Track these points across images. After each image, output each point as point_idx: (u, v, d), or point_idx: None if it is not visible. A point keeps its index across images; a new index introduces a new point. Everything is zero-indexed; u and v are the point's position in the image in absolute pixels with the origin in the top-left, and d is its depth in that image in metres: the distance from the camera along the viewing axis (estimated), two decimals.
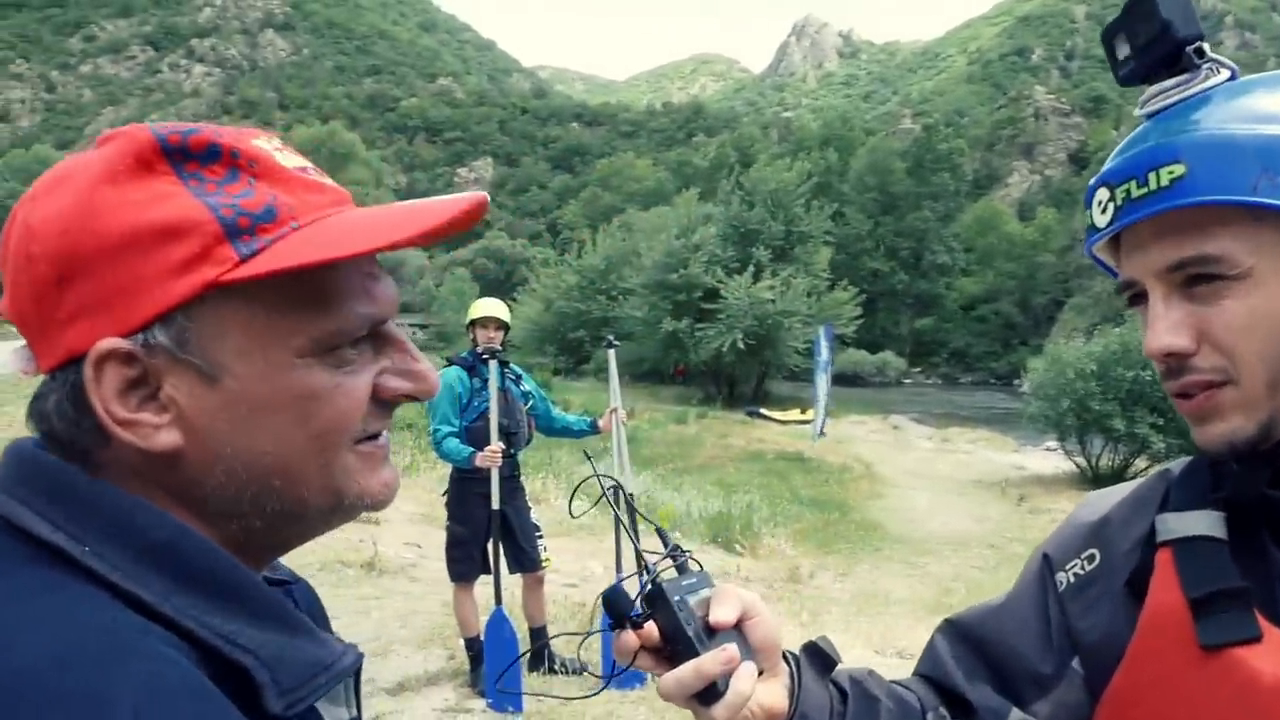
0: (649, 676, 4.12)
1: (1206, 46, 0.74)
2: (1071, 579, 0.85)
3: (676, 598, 0.72)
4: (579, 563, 7.22)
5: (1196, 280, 0.71)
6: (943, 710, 0.85)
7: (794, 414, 27.09)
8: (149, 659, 0.48)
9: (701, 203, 36.94)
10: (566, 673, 4.63)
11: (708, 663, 0.69)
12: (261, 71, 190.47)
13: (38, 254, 0.53)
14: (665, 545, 0.78)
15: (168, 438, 0.54)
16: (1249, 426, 0.71)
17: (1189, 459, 0.85)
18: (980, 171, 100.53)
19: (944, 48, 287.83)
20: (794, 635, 5.79)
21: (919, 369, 65.82)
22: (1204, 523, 0.75)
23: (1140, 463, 16.99)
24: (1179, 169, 0.70)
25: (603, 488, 0.83)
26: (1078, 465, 17.53)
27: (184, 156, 0.55)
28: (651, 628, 0.72)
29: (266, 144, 0.59)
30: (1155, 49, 0.74)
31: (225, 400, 0.55)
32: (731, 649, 0.70)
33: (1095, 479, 16.95)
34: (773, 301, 29.84)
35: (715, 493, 12.04)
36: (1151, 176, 0.71)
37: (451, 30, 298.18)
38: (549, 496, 9.30)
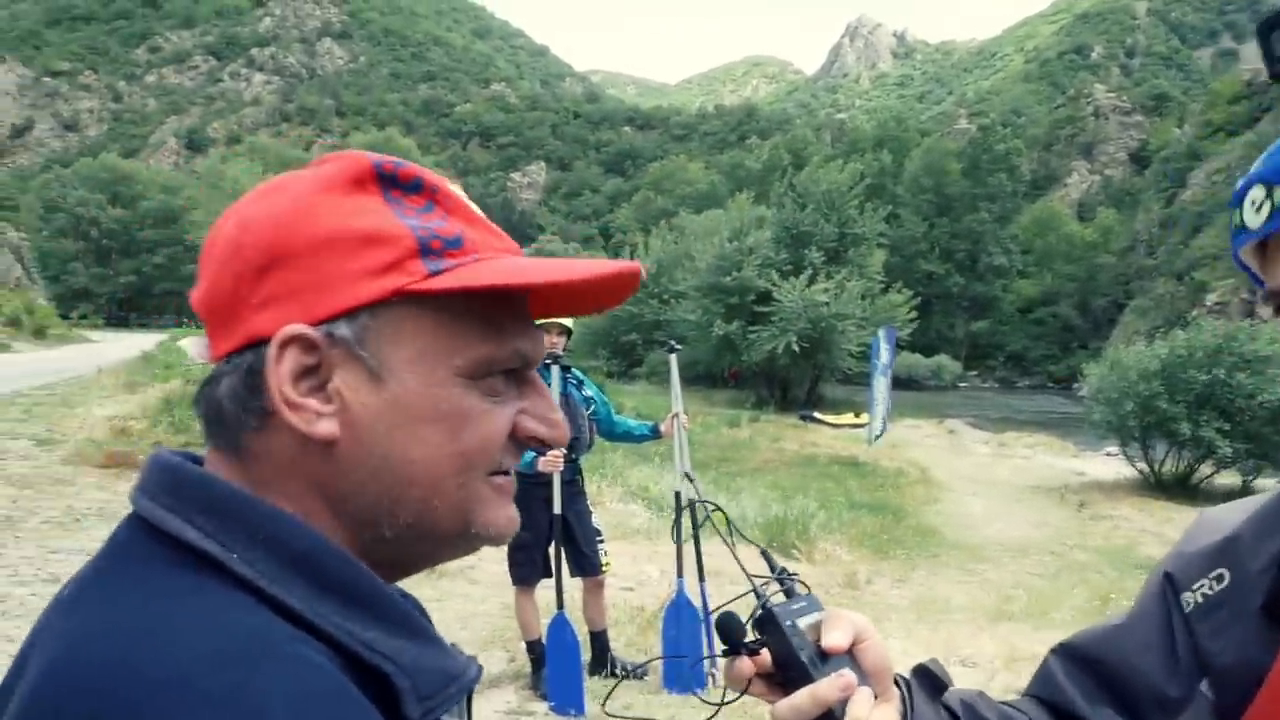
0: (710, 680, 4.14)
1: None
2: (1200, 599, 0.83)
3: (788, 623, 0.71)
4: (636, 566, 7.26)
5: None
6: None
7: (848, 418, 26.89)
8: (298, 662, 0.51)
9: (754, 205, 36.84)
10: (627, 676, 4.67)
11: (824, 689, 0.67)
12: (319, 79, 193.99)
13: (248, 243, 0.58)
14: (771, 569, 0.78)
15: (328, 426, 0.57)
16: None
17: None
18: (1038, 172, 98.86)
19: (1000, 47, 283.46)
20: None
21: (975, 372, 64.93)
22: None
23: (1205, 469, 16.57)
24: None
25: (705, 510, 0.83)
26: (1139, 470, 17.15)
27: (392, 183, 0.61)
28: (764, 654, 0.71)
29: (459, 190, 0.64)
30: None
31: (387, 402, 0.58)
32: (849, 675, 0.68)
33: (1158, 484, 16.58)
34: (827, 304, 29.66)
35: (770, 497, 12.00)
36: None
37: (505, 36, 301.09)
38: (604, 500, 9.34)
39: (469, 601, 6.01)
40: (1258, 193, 0.71)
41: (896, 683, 0.77)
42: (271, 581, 0.54)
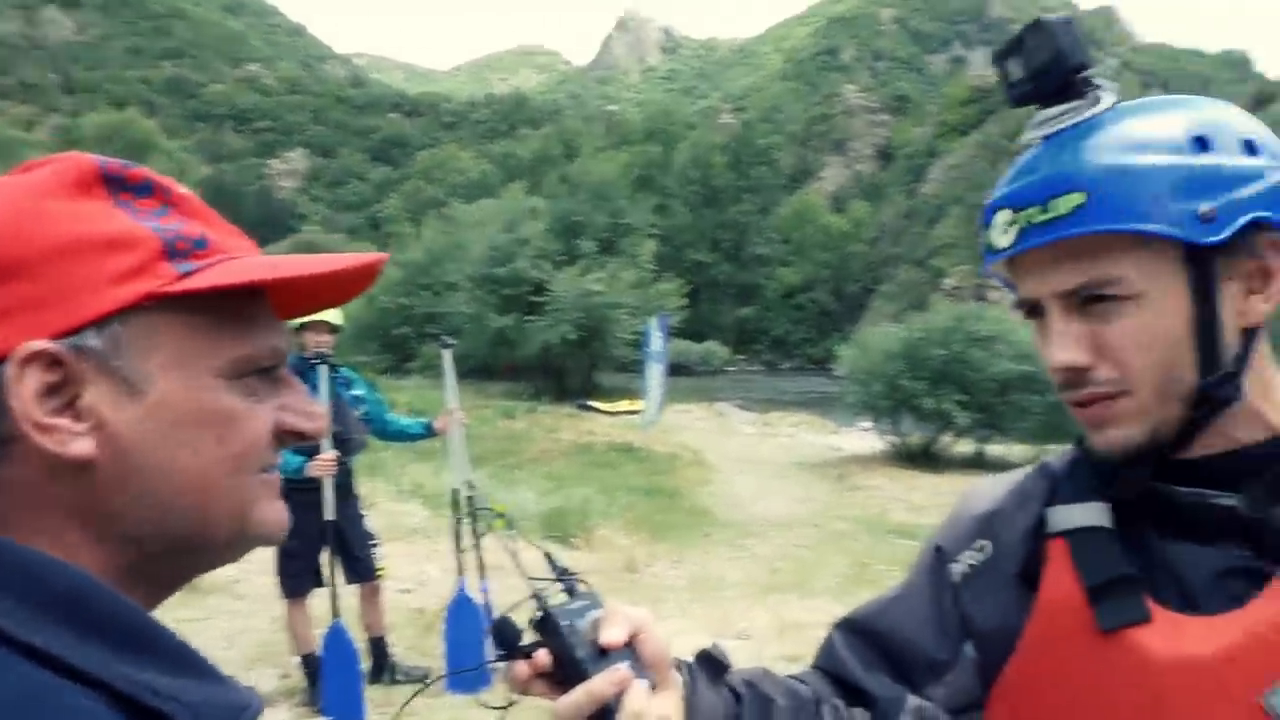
0: (493, 679, 4.12)
1: (1093, 73, 0.79)
2: (966, 569, 0.91)
3: (566, 623, 0.72)
4: (414, 566, 7.10)
5: (1092, 300, 0.77)
6: (836, 701, 0.88)
7: (623, 405, 27.42)
8: (67, 713, 0.47)
9: (527, 196, 36.77)
10: (408, 680, 4.57)
11: (598, 684, 0.70)
12: (46, 51, 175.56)
13: None
14: (554, 569, 0.79)
15: (83, 446, 0.54)
16: (1142, 433, 0.78)
17: (1069, 452, 0.92)
18: (796, 166, 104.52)
19: (760, 46, 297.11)
20: None
21: (742, 356, 67.93)
22: (1093, 515, 0.82)
23: (946, 438, 18.18)
24: (1078, 198, 0.75)
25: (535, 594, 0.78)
26: (890, 443, 18.56)
27: (120, 186, 0.58)
28: (544, 654, 0.72)
29: (191, 191, 0.62)
30: (1049, 75, 0.79)
31: (147, 412, 0.56)
32: (622, 668, 0.71)
33: (907, 455, 18.01)
34: (601, 294, 30.08)
35: (548, 487, 12.07)
36: (1053, 204, 0.76)
37: (259, 13, 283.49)
38: (378, 500, 9.07)
39: (235, 618, 5.68)
40: (1005, 216, 0.80)
41: (679, 669, 0.79)
42: (29, 631, 0.49)
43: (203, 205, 0.62)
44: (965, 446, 18.08)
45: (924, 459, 17.78)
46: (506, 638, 0.74)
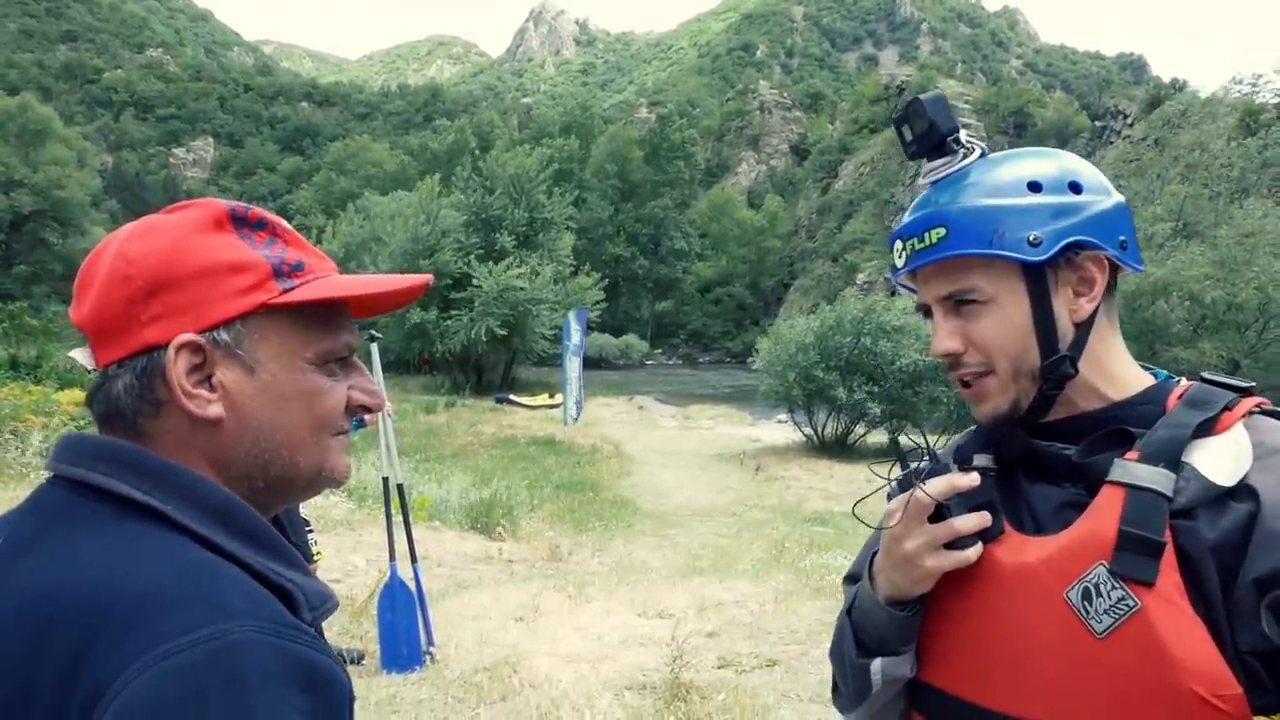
0: (428, 659, 4.25)
1: (963, 134, 1.07)
2: None
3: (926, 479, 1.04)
4: (342, 557, 7.14)
5: (962, 304, 1.04)
6: None
7: (543, 399, 27.48)
8: (228, 576, 0.71)
9: (443, 188, 36.27)
10: (345, 662, 4.65)
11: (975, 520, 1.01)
12: None
13: (134, 274, 0.76)
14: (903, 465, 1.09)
15: (216, 410, 0.77)
16: (1006, 403, 1.05)
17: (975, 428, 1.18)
18: (712, 161, 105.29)
19: (676, 40, 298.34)
20: (562, 605, 6.09)
21: (660, 350, 68.36)
22: (980, 461, 1.10)
23: (860, 429, 18.73)
24: (942, 231, 1.02)
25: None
26: (806, 434, 19.01)
27: (243, 223, 0.82)
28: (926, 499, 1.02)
29: (290, 225, 0.86)
30: (927, 138, 1.07)
31: (259, 387, 0.79)
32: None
33: (822, 446, 18.49)
34: (523, 288, 30.04)
35: (471, 480, 12.12)
36: (927, 235, 1.03)
37: None
38: None
39: None
40: (899, 245, 1.08)
41: None
42: (201, 526, 0.73)
43: (299, 236, 0.86)
44: (879, 436, 18.64)
45: (839, 449, 18.27)
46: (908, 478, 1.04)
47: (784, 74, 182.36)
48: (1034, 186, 1.02)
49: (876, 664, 1.07)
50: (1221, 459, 0.93)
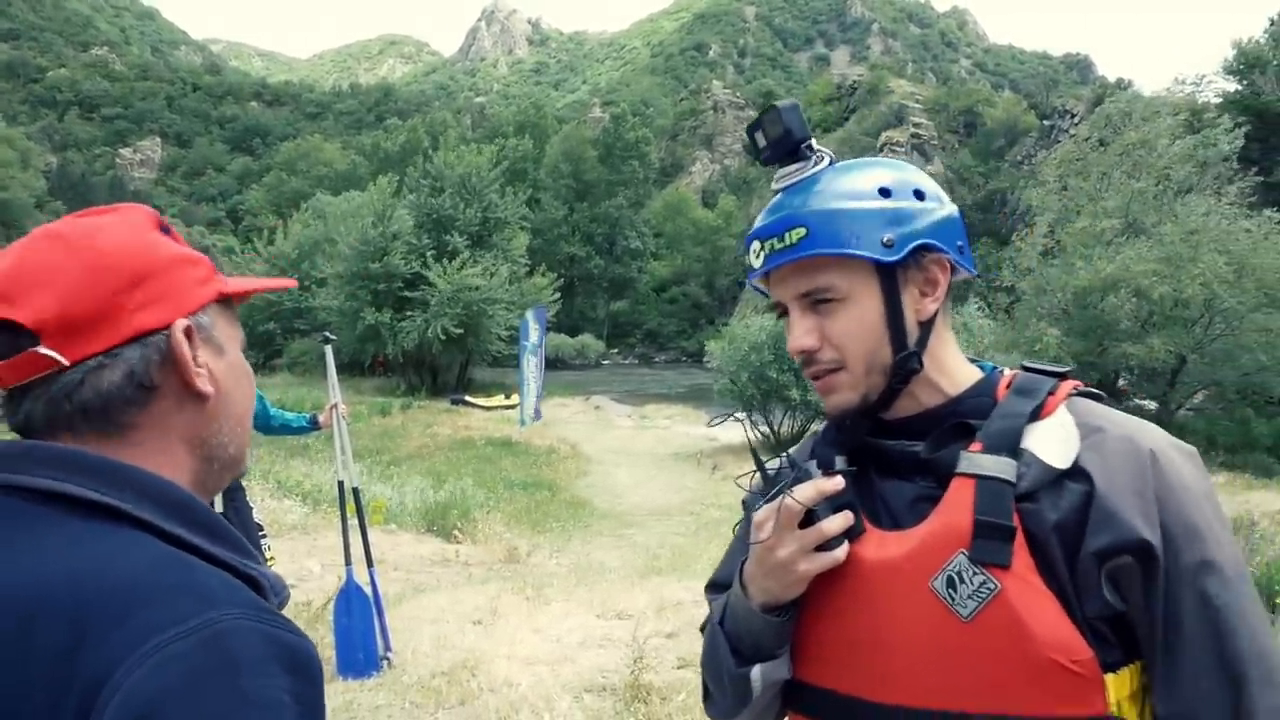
0: (385, 665, 4.20)
1: (814, 143, 1.11)
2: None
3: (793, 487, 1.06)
4: (296, 563, 7.04)
5: (818, 302, 1.08)
6: None
7: (498, 400, 27.33)
8: (199, 567, 0.74)
9: (396, 188, 35.87)
10: None
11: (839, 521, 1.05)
12: None
13: (115, 265, 0.79)
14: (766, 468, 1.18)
15: (206, 385, 0.83)
16: (855, 397, 1.09)
17: (821, 431, 1.23)
18: (666, 160, 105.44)
19: (629, 39, 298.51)
20: (520, 608, 6.06)
21: (616, 350, 68.30)
22: (836, 462, 1.12)
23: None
24: (803, 231, 1.05)
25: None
26: (762, 433, 19.13)
27: (164, 229, 0.86)
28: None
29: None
30: (781, 144, 1.11)
31: (228, 367, 0.87)
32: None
33: (778, 444, 18.61)
34: (479, 288, 29.84)
35: (427, 482, 12.03)
36: (787, 235, 1.06)
37: None
38: (256, 497, 8.90)
39: None
40: (757, 245, 1.10)
41: None
42: (164, 521, 0.75)
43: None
44: None
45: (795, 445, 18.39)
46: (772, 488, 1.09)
47: (737, 74, 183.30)
48: (884, 192, 1.07)
49: (756, 670, 1.09)
50: (1053, 442, 1.00)
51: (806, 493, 1.04)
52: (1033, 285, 22.41)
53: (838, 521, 1.04)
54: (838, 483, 1.05)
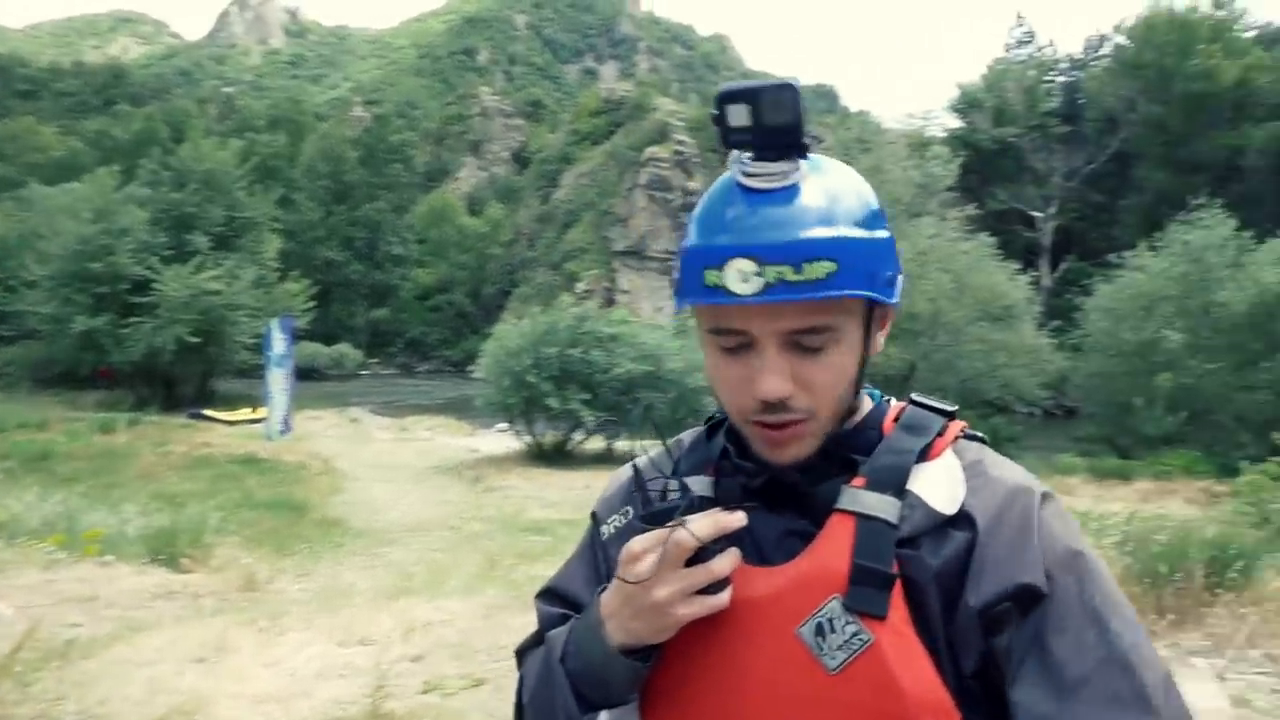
0: None
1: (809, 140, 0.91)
2: (612, 530, 1.08)
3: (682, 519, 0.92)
4: None
5: (805, 343, 0.91)
6: None
7: (244, 413, 25.64)
8: None
9: (125, 181, 32.72)
10: None
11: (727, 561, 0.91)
12: None
13: None
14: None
15: None
16: (813, 448, 0.96)
17: (691, 434, 1.13)
18: (431, 164, 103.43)
19: (395, 38, 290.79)
20: (251, 641, 5.60)
21: (376, 360, 66.17)
22: (700, 486, 1.01)
23: (578, 436, 18.95)
24: (832, 266, 0.87)
25: None
26: (525, 443, 19.02)
27: None
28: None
29: None
30: (782, 134, 0.88)
31: None
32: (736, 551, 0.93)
33: (541, 454, 18.55)
34: (218, 293, 27.79)
35: (156, 506, 11.01)
36: (806, 267, 0.87)
37: None
38: None
39: None
40: (747, 265, 0.88)
41: None
42: None
43: None
44: (596, 444, 18.95)
45: (558, 457, 18.41)
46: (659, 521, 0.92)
47: (506, 80, 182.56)
48: (879, 216, 0.95)
49: (603, 717, 0.98)
50: (940, 485, 0.94)
51: (705, 528, 0.90)
52: None
53: (727, 562, 0.91)
54: (739, 519, 0.92)
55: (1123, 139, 46.58)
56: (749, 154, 0.91)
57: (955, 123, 50.38)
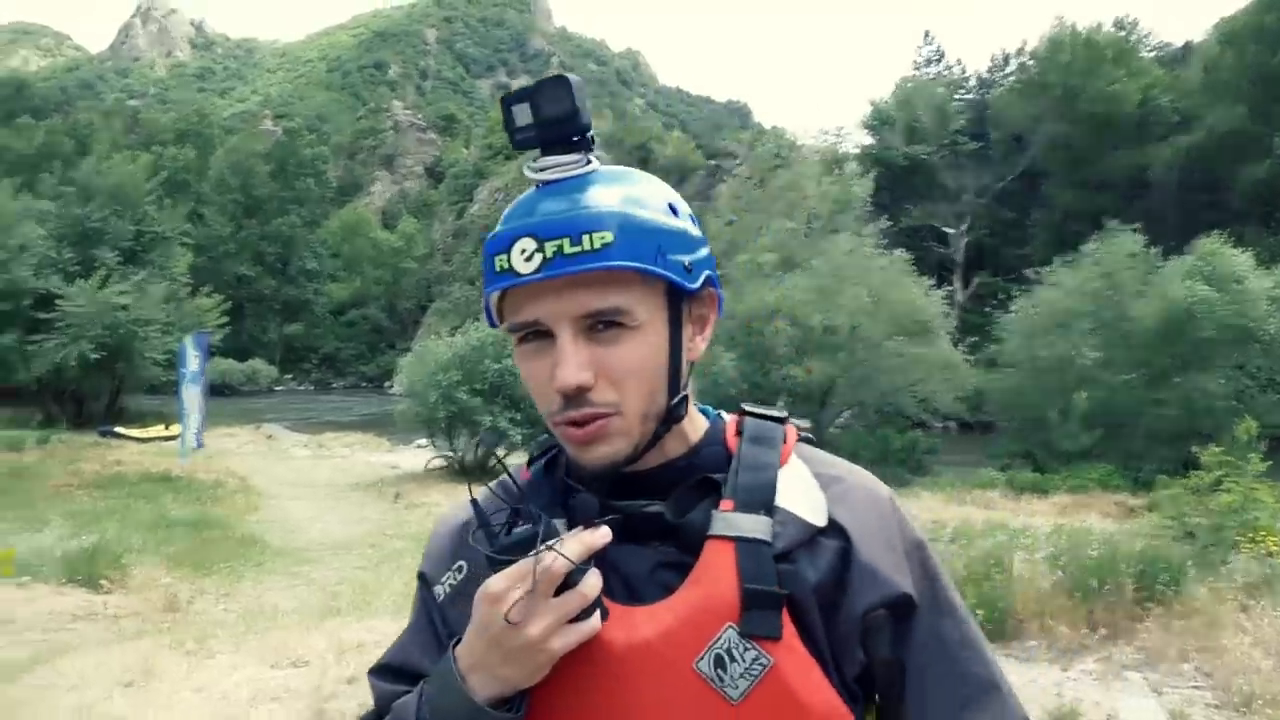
0: None
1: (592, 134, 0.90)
2: (447, 589, 1.00)
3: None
4: None
5: (603, 328, 0.88)
6: None
7: (157, 430, 24.87)
8: None
9: (24, 195, 31.45)
10: None
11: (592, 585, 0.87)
12: None
13: None
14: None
15: None
16: (627, 449, 0.91)
17: (523, 470, 1.06)
18: (344, 179, 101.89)
19: (304, 51, 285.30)
20: (179, 664, 5.50)
21: (290, 375, 64.78)
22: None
23: (501, 451, 18.84)
24: (608, 236, 0.85)
25: None
26: (446, 458, 18.83)
27: None
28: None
29: None
30: (561, 126, 0.88)
31: None
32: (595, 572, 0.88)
33: (463, 470, 18.39)
34: (125, 309, 26.91)
35: (71, 526, 10.64)
36: (585, 238, 0.85)
37: None
38: None
39: None
40: (529, 243, 0.86)
41: None
42: None
43: None
44: (519, 458, 18.86)
45: (480, 472, 18.25)
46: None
47: (418, 95, 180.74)
48: (673, 209, 0.94)
49: None
50: (800, 495, 0.93)
51: (573, 548, 0.85)
52: None
53: (594, 580, 0.86)
54: (605, 534, 0.88)
55: (1031, 157, 48.29)
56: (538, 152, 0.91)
57: (868, 139, 51.65)
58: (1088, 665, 5.78)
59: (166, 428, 24.34)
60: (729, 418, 1.03)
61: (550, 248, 0.85)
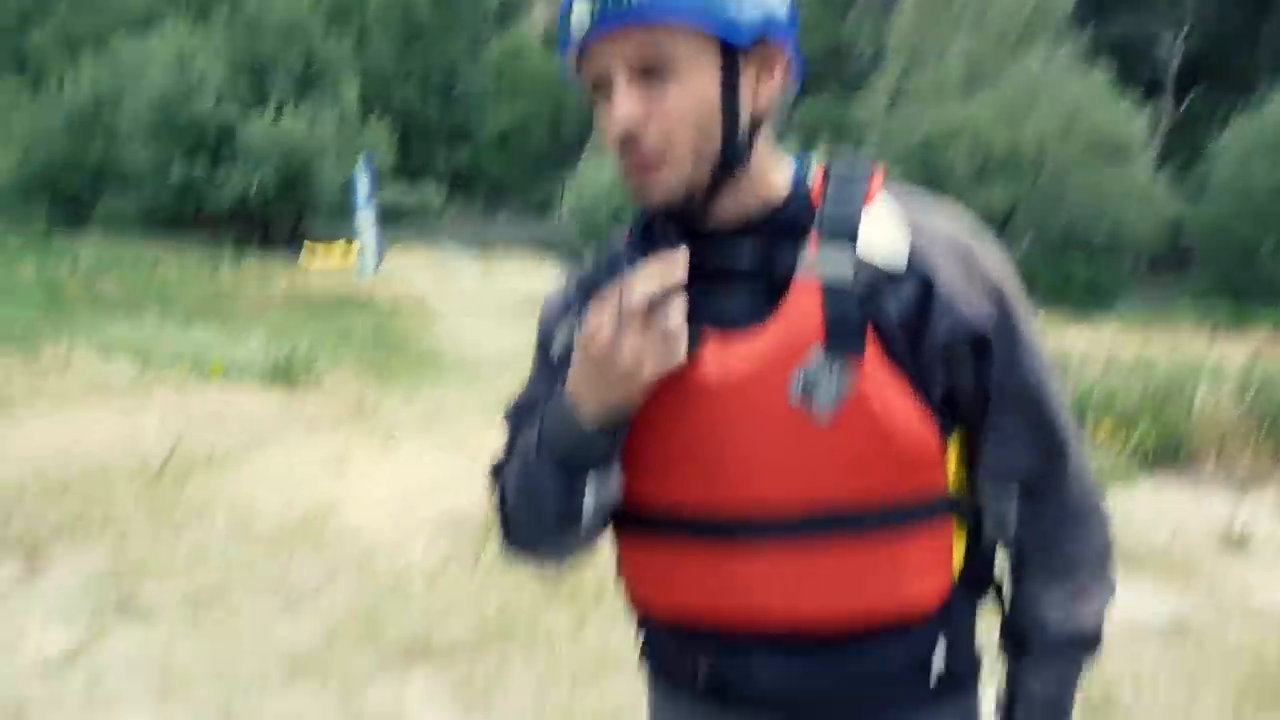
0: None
1: None
2: (560, 350, 1.09)
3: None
4: (131, 420, 6.73)
5: (649, 75, 0.92)
6: None
7: (338, 250, 26.34)
8: None
9: (199, 30, 32.55)
10: None
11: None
12: None
13: None
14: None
15: None
16: (680, 189, 0.95)
17: (624, 233, 1.10)
18: (505, 2, 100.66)
19: None
20: (371, 453, 6.02)
21: (458, 201, 66.48)
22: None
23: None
24: None
25: None
26: None
27: None
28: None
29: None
30: None
31: None
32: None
33: None
34: (301, 137, 28.08)
35: (269, 338, 11.58)
36: None
37: None
38: (80, 358, 8.39)
39: None
40: (582, 6, 0.92)
41: None
42: None
43: None
44: None
45: None
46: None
47: None
48: None
49: (589, 500, 0.99)
50: (884, 234, 0.97)
51: (651, 273, 0.90)
52: (879, 134, 22.93)
53: (679, 304, 0.91)
54: (679, 260, 0.92)
55: None
56: None
57: None
58: (1266, 496, 5.59)
59: (348, 244, 25.58)
60: (817, 165, 1.06)
61: (599, 5, 0.91)
